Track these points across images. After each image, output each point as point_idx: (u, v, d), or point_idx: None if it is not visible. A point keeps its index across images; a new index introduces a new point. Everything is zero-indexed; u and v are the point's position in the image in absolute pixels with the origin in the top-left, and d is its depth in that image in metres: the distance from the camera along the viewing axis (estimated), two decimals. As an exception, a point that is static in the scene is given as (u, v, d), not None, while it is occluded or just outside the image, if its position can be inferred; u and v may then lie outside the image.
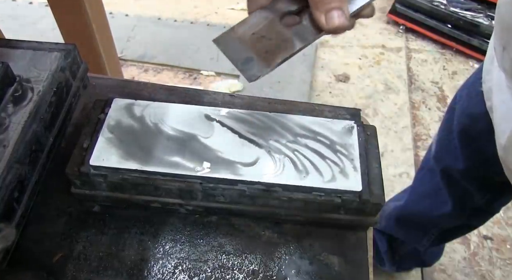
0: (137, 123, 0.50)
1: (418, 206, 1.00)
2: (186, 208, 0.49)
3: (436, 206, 0.94)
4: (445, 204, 0.91)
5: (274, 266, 0.47)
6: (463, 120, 0.77)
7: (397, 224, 1.08)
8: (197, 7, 2.02)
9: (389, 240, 1.14)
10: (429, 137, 1.64)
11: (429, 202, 0.96)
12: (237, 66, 0.42)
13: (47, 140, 0.52)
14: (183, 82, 1.72)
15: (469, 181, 0.83)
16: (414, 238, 1.06)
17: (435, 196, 0.93)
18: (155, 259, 0.47)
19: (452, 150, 0.82)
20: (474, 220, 0.95)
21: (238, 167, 0.46)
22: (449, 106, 0.86)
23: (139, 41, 1.84)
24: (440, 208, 0.92)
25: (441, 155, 0.88)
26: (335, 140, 0.49)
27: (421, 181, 1.00)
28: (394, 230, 1.10)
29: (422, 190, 0.99)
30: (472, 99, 0.74)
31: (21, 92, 0.51)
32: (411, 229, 1.06)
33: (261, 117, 0.51)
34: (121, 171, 0.46)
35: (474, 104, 0.73)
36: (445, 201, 0.91)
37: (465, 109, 0.77)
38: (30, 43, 0.56)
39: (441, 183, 0.90)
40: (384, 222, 1.12)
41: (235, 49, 0.43)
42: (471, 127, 0.75)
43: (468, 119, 0.76)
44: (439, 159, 0.89)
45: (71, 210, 0.50)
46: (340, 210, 0.47)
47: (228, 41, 0.43)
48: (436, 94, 1.78)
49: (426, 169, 0.96)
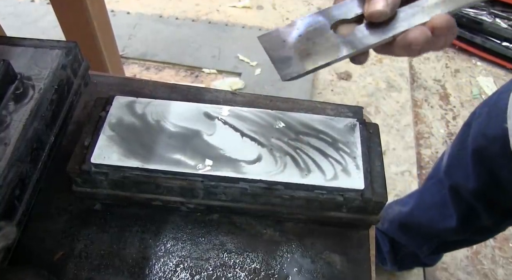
0: (139, 121, 0.49)
1: (423, 215, 0.99)
2: (188, 206, 0.49)
3: (441, 219, 0.92)
4: (450, 219, 0.89)
5: (276, 265, 0.47)
6: (479, 139, 0.74)
7: (400, 229, 1.07)
8: (198, 5, 2.02)
9: (390, 241, 1.14)
10: (432, 135, 1.64)
11: (435, 213, 0.95)
12: (274, 63, 0.41)
13: (48, 138, 0.52)
14: (184, 80, 1.72)
15: (478, 201, 0.80)
16: (415, 244, 1.06)
17: (441, 208, 0.92)
18: (156, 257, 0.47)
19: (463, 167, 0.80)
20: (478, 237, 0.93)
21: (240, 165, 0.46)
22: (466, 121, 0.83)
23: (141, 39, 1.83)
24: (445, 222, 0.91)
25: (452, 171, 0.86)
26: (337, 138, 0.49)
27: (429, 191, 0.98)
28: (396, 234, 1.10)
29: (429, 201, 0.97)
30: (492, 118, 0.71)
31: (22, 90, 0.50)
32: (413, 236, 1.05)
33: (262, 115, 0.51)
34: (123, 169, 0.46)
35: (493, 124, 0.70)
36: (450, 215, 0.89)
37: (483, 128, 0.74)
38: (32, 41, 0.56)
39: (448, 197, 0.88)
40: (387, 224, 1.11)
41: (277, 47, 0.41)
42: (486, 148, 0.72)
43: (484, 139, 0.73)
44: (450, 174, 0.87)
45: (72, 208, 0.50)
46: (342, 209, 0.47)
47: (272, 39, 0.42)
48: (439, 92, 1.78)
49: (435, 179, 0.94)
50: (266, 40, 0.42)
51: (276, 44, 0.42)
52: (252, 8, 2.01)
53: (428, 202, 0.98)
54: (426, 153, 1.59)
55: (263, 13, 2.00)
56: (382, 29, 0.40)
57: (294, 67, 0.40)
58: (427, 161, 1.56)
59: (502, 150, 0.66)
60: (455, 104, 1.74)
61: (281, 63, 0.41)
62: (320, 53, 0.40)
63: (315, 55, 0.40)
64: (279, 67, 0.40)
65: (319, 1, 2.05)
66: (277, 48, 0.41)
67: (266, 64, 1.73)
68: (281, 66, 0.40)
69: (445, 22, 0.36)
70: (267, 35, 0.42)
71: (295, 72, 0.40)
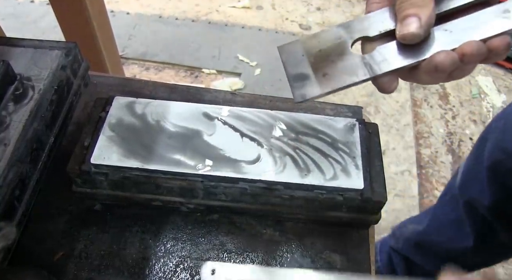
0: (139, 121, 0.49)
1: (439, 235, 0.95)
2: (188, 206, 0.49)
3: (458, 239, 0.89)
4: (467, 238, 0.86)
5: (276, 264, 0.47)
6: (496, 153, 0.73)
7: (416, 248, 1.03)
8: (198, 5, 2.02)
9: (404, 260, 1.10)
10: (431, 134, 1.64)
11: (451, 233, 0.91)
12: (288, 79, 0.39)
13: (48, 139, 0.52)
14: (184, 80, 1.72)
15: (495, 217, 0.78)
16: (432, 265, 1.01)
17: (457, 228, 0.89)
18: (156, 257, 0.47)
19: (479, 182, 0.78)
20: (496, 258, 0.90)
21: (240, 165, 0.46)
22: (480, 135, 0.81)
23: (140, 40, 1.83)
24: (462, 242, 0.88)
25: (467, 186, 0.83)
26: (337, 138, 0.49)
27: (444, 209, 0.95)
28: (411, 254, 1.06)
29: (444, 219, 0.94)
30: (508, 132, 0.70)
31: (22, 91, 0.50)
32: (429, 256, 1.01)
33: (262, 115, 0.51)
34: (122, 169, 0.46)
35: (510, 139, 0.69)
36: (467, 235, 0.86)
37: (499, 141, 0.72)
38: (31, 41, 0.56)
39: (464, 214, 0.85)
40: (401, 244, 1.07)
41: (295, 61, 0.39)
42: (503, 162, 0.71)
43: (501, 153, 0.71)
44: (465, 189, 0.84)
45: (72, 208, 0.50)
46: (342, 208, 0.47)
47: (292, 51, 0.40)
48: (438, 92, 1.78)
49: (449, 196, 0.92)
50: (285, 52, 0.40)
51: (295, 58, 0.40)
52: (251, 8, 2.01)
53: (443, 220, 0.95)
54: (426, 153, 1.59)
55: (262, 13, 2.00)
56: (411, 51, 0.37)
57: (309, 89, 0.38)
58: (426, 161, 1.56)
59: None
60: (454, 103, 1.74)
61: (296, 81, 0.39)
62: (337, 74, 0.38)
63: (332, 77, 0.38)
64: (293, 85, 0.39)
65: (319, 1, 2.05)
66: (294, 63, 0.39)
67: (266, 64, 1.73)
68: (296, 84, 0.39)
69: (475, 49, 0.34)
70: (287, 47, 0.41)
71: (309, 95, 0.38)
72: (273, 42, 1.83)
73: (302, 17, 1.98)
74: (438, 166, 1.54)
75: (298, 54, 0.40)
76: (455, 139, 1.62)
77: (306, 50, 0.40)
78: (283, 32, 1.89)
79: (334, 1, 2.05)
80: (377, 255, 1.18)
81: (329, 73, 0.38)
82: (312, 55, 0.39)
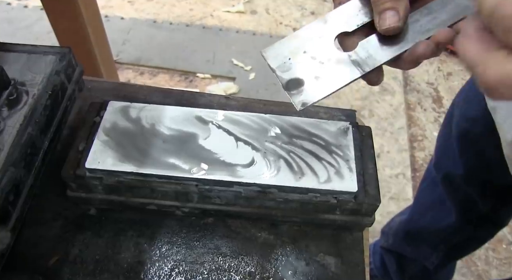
0: (133, 126, 0.50)
1: (423, 218, 0.99)
2: (182, 210, 0.49)
3: (440, 217, 0.92)
4: (449, 214, 0.89)
5: (271, 268, 0.47)
6: (462, 123, 0.77)
7: (405, 240, 1.06)
8: (192, 10, 2.03)
9: (397, 258, 1.12)
10: (425, 137, 1.65)
11: (433, 213, 0.95)
12: (284, 87, 0.39)
13: (43, 144, 0.52)
14: (179, 84, 1.72)
15: (471, 187, 0.82)
16: (423, 254, 1.03)
17: (438, 207, 0.92)
18: (151, 261, 0.47)
19: (451, 155, 0.82)
20: (481, 232, 0.92)
21: (234, 169, 0.46)
22: (447, 112, 0.86)
23: (135, 44, 1.84)
24: (445, 219, 0.91)
25: (441, 162, 0.87)
26: (331, 141, 0.49)
27: (424, 192, 0.99)
28: (402, 247, 1.08)
29: (425, 202, 0.98)
30: (470, 102, 0.74)
31: (16, 96, 0.50)
32: (418, 244, 1.03)
33: (256, 119, 0.51)
34: (117, 173, 0.46)
35: (472, 108, 0.73)
36: (449, 211, 0.89)
37: (464, 112, 0.77)
38: (25, 47, 0.56)
39: (443, 192, 0.88)
40: (391, 239, 1.09)
41: (284, 67, 0.39)
42: (470, 130, 0.75)
43: (467, 122, 0.76)
44: (439, 166, 0.88)
45: (67, 213, 0.50)
46: (336, 211, 0.47)
47: (278, 55, 0.40)
48: (432, 95, 1.79)
49: (428, 180, 0.95)
50: (271, 57, 0.40)
51: (283, 63, 0.40)
52: (246, 13, 2.02)
53: (424, 203, 0.99)
54: (420, 156, 1.60)
55: (257, 17, 2.01)
56: (392, 43, 0.38)
57: (306, 95, 0.38)
58: (420, 164, 1.57)
59: (485, 129, 0.68)
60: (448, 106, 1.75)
61: (292, 88, 0.39)
62: (330, 76, 0.39)
63: (325, 80, 0.39)
64: (290, 93, 0.39)
65: (312, 5, 2.07)
66: (284, 68, 0.39)
67: (260, 68, 1.74)
68: (293, 92, 0.39)
69: (449, 37, 0.36)
70: (271, 50, 0.40)
71: (309, 100, 0.38)
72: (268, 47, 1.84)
73: (296, 21, 1.99)
74: (432, 169, 1.55)
75: (285, 58, 0.40)
76: (449, 142, 1.63)
77: (290, 52, 0.40)
78: (278, 36, 1.90)
79: (328, 5, 2.07)
80: (370, 257, 1.19)
81: (321, 76, 0.39)
82: (298, 57, 0.40)
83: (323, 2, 2.09)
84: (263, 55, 0.40)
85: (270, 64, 0.40)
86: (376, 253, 1.18)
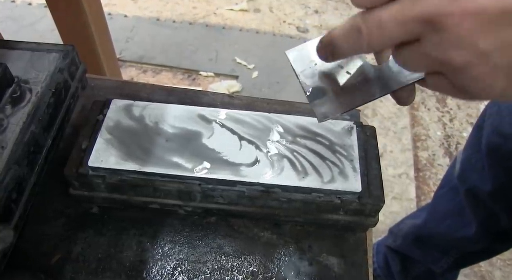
0: (136, 124, 0.49)
1: (439, 226, 0.96)
2: (185, 209, 0.49)
3: (459, 227, 0.89)
4: (469, 226, 0.87)
5: (274, 268, 0.47)
6: (494, 138, 0.73)
7: (415, 243, 1.03)
8: (195, 8, 2.02)
9: (402, 259, 1.10)
10: (429, 137, 1.64)
11: (451, 222, 0.92)
12: (306, 94, 0.37)
13: (46, 141, 0.52)
14: (182, 83, 1.72)
15: (497, 203, 0.78)
16: (432, 258, 1.01)
17: (457, 216, 0.89)
18: (154, 260, 0.47)
19: (479, 170, 0.78)
20: (498, 245, 0.90)
21: (237, 168, 0.46)
22: (476, 123, 0.82)
23: (138, 42, 1.84)
24: (463, 230, 0.88)
25: (467, 175, 0.84)
26: (334, 140, 0.49)
27: (442, 200, 0.95)
28: (410, 250, 1.06)
29: (443, 209, 0.95)
30: (503, 117, 0.71)
31: (19, 93, 0.50)
32: (429, 249, 1.01)
33: (260, 118, 0.51)
34: (120, 172, 0.46)
35: (506, 122, 0.70)
36: (468, 223, 0.86)
37: (496, 127, 0.73)
38: (29, 44, 0.56)
39: (465, 203, 0.85)
40: (400, 240, 1.07)
41: (309, 72, 0.37)
42: (503, 146, 0.71)
43: (499, 137, 0.72)
44: (465, 179, 0.84)
45: (70, 211, 0.50)
46: (340, 211, 0.47)
47: (303, 59, 0.37)
48: (435, 95, 1.78)
49: (448, 188, 0.92)
50: (297, 60, 0.38)
51: (309, 68, 0.37)
52: (249, 11, 2.02)
53: (442, 211, 0.95)
54: (423, 155, 1.59)
55: (260, 16, 2.00)
56: None
57: (329, 107, 0.36)
58: (424, 164, 1.57)
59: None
60: (451, 106, 1.74)
61: (315, 98, 0.37)
62: (356, 89, 0.36)
63: (350, 93, 0.36)
64: (313, 103, 0.37)
65: (316, 4, 2.06)
66: (310, 74, 0.37)
67: (263, 67, 1.73)
68: (315, 102, 0.37)
69: None
70: (296, 52, 0.38)
71: (332, 113, 0.36)
72: (271, 45, 1.83)
73: (300, 20, 1.98)
74: (436, 168, 1.55)
75: (310, 63, 0.37)
76: (453, 142, 1.62)
77: (317, 57, 0.37)
78: (281, 35, 1.89)
79: (331, 4, 2.06)
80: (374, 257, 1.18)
81: (346, 88, 0.37)
82: (325, 63, 0.37)
83: (326, 0, 2.08)
84: (288, 56, 0.38)
85: (294, 68, 0.38)
86: (380, 252, 1.17)
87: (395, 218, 1.37)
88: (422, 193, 1.48)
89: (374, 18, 0.29)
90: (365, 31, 0.29)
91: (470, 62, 0.27)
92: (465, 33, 0.26)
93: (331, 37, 0.32)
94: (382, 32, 0.29)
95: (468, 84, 0.29)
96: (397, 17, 0.28)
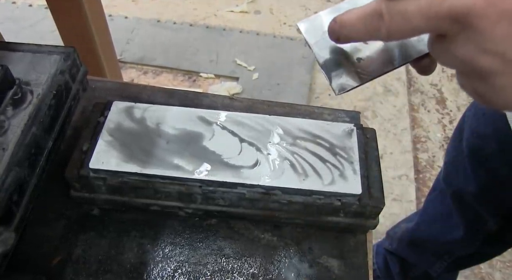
0: (137, 126, 0.50)
1: (429, 229, 0.96)
2: (186, 211, 0.49)
3: (448, 230, 0.90)
4: (457, 229, 0.87)
5: (274, 270, 0.47)
6: (473, 140, 0.74)
7: (409, 247, 1.04)
8: (196, 10, 2.02)
9: (400, 261, 1.10)
10: (429, 139, 1.64)
11: (440, 225, 0.92)
12: (322, 67, 0.36)
13: (47, 143, 0.52)
14: (182, 84, 1.72)
15: (482, 205, 0.79)
16: (426, 262, 1.01)
17: (446, 219, 0.89)
18: (154, 262, 0.47)
19: (462, 172, 0.78)
20: (488, 249, 0.89)
21: (238, 170, 0.46)
22: (456, 126, 0.83)
23: (138, 44, 1.84)
24: (452, 233, 0.88)
25: (452, 178, 0.84)
26: (335, 143, 0.49)
27: (432, 203, 0.96)
28: (406, 253, 1.06)
29: (433, 213, 0.95)
30: (479, 119, 0.71)
31: (20, 95, 0.51)
32: (422, 253, 1.01)
33: (260, 120, 0.51)
34: (121, 174, 0.46)
35: (482, 124, 0.70)
36: (457, 226, 0.87)
37: (474, 128, 0.73)
38: (30, 46, 0.56)
39: (452, 206, 0.86)
40: (396, 244, 1.08)
41: (324, 43, 0.35)
42: (482, 147, 0.72)
43: (478, 139, 0.72)
44: (450, 181, 0.85)
45: (70, 213, 0.50)
46: (340, 213, 0.47)
47: (316, 29, 0.35)
48: (435, 97, 1.78)
49: (437, 191, 0.93)
50: (309, 31, 0.35)
51: (322, 39, 0.35)
52: (249, 13, 2.02)
53: (432, 214, 0.96)
54: (423, 157, 1.59)
55: (260, 17, 2.00)
56: None
57: (347, 79, 0.35)
58: (424, 165, 1.57)
59: (498, 147, 0.66)
60: (451, 108, 1.75)
61: (331, 70, 0.35)
62: (373, 60, 0.35)
63: (368, 63, 0.35)
64: (330, 75, 0.35)
65: (316, 6, 2.06)
66: (324, 45, 0.35)
67: (264, 68, 1.74)
68: (332, 74, 0.35)
69: None
70: (308, 22, 0.36)
71: (349, 85, 0.35)
72: (271, 47, 1.84)
73: (300, 21, 1.98)
74: (436, 170, 1.55)
75: (324, 33, 0.35)
76: (452, 144, 1.62)
77: None
78: (281, 36, 1.89)
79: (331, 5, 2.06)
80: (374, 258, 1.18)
81: (364, 58, 0.35)
82: None
83: (326, 2, 2.09)
84: (300, 27, 0.36)
85: (307, 39, 0.36)
86: (380, 254, 1.17)
87: (395, 220, 1.37)
88: (422, 195, 1.48)
89: (399, 7, 0.27)
90: (387, 18, 0.28)
91: (496, 70, 0.25)
92: (497, 38, 0.24)
93: (348, 17, 0.30)
94: (405, 23, 0.27)
95: (490, 93, 0.27)
96: (424, 10, 0.26)
